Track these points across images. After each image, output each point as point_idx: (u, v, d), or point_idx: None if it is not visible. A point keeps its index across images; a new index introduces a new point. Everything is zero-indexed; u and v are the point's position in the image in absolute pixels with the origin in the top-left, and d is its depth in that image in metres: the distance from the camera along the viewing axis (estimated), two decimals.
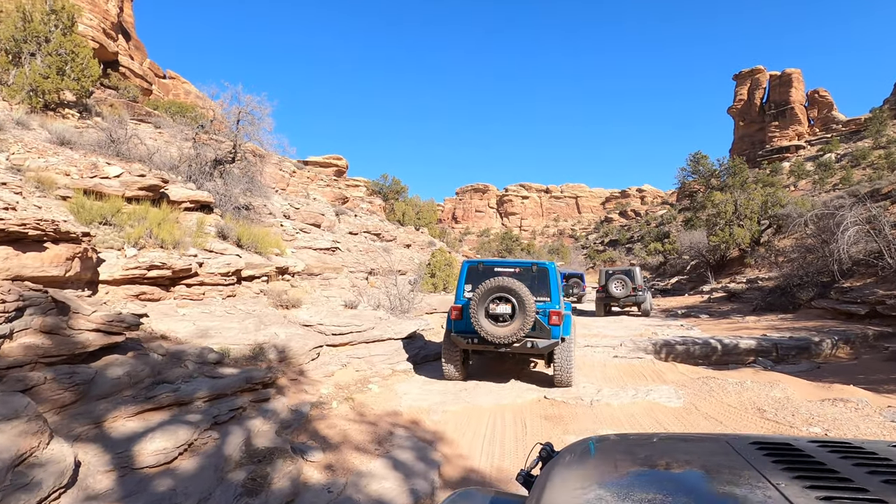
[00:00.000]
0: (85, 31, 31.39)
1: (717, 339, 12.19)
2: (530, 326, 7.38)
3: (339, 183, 33.55)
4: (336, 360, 8.28)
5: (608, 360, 10.63)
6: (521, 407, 6.97)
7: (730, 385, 7.93)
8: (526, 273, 8.18)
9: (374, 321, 9.96)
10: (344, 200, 29.05)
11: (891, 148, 51.88)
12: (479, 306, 7.52)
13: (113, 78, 32.09)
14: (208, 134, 11.39)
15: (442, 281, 19.34)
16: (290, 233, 13.22)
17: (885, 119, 60.56)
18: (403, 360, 9.15)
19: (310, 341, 7.80)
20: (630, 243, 71.97)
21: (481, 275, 8.30)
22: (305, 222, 15.93)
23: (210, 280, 8.26)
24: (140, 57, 40.55)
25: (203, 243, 8.64)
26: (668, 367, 10.16)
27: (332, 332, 8.90)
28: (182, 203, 9.93)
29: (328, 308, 10.27)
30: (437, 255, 19.71)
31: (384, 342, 9.62)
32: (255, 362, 6.68)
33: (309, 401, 6.34)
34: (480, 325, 7.48)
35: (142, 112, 23.00)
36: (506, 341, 7.44)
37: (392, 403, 6.84)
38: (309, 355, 7.66)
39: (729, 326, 14.90)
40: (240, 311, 8.13)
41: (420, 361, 9.57)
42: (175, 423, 4.38)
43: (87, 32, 31.54)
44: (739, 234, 24.84)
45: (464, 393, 7.51)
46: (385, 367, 8.60)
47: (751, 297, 18.99)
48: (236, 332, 7.17)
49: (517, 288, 7.39)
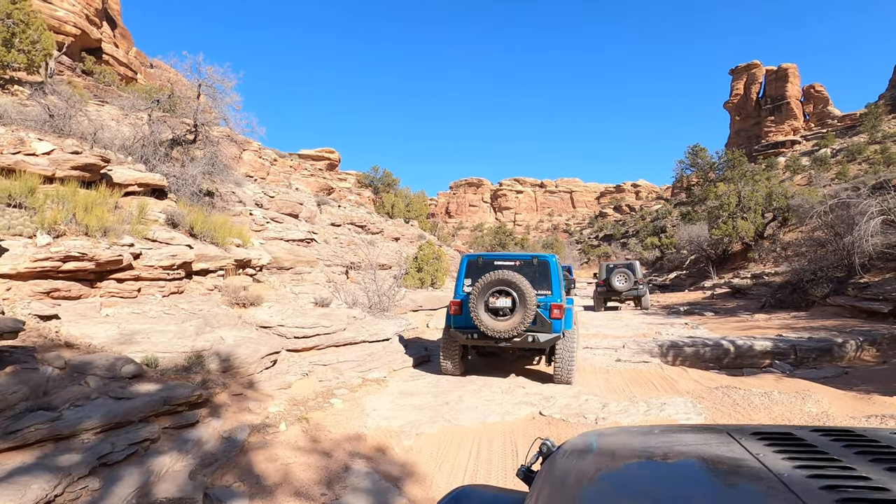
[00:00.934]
0: (66, 16, 29.88)
1: (728, 339, 11.08)
2: (531, 320, 7.22)
3: (325, 173, 32.23)
4: (297, 367, 7.10)
5: (611, 366, 9.49)
6: (513, 427, 5.81)
7: (755, 397, 6.81)
8: (527, 266, 7.92)
9: (347, 321, 8.77)
10: (329, 191, 27.75)
11: (886, 143, 51.15)
12: (479, 300, 7.34)
13: (88, 62, 30.61)
14: (171, 112, 10.12)
15: (430, 276, 18.17)
16: (260, 222, 11.99)
17: (880, 114, 59.84)
18: (377, 367, 7.97)
19: (263, 346, 6.61)
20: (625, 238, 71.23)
21: (481, 269, 8.05)
22: (281, 212, 14.69)
23: (148, 274, 7.04)
24: (126, 45, 39.01)
25: (143, 231, 7.41)
26: (679, 372, 9.04)
27: (294, 334, 7.71)
28: (128, 186, 8.68)
29: (295, 306, 9.07)
30: (424, 248, 18.52)
31: (356, 346, 8.44)
32: (189, 374, 5.48)
33: (250, 423, 5.15)
34: (480, 320, 7.28)
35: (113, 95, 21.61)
36: (506, 335, 7.26)
37: (356, 424, 5.66)
38: (261, 363, 6.47)
39: (738, 325, 13.80)
40: (182, 310, 6.91)
41: (398, 367, 8.40)
42: (35, 471, 3.19)
43: (68, 18, 30.04)
44: (743, 227, 23.67)
45: (444, 409, 6.34)
46: (354, 376, 7.42)
47: (758, 294, 17.90)
48: (171, 337, 5.96)
49: (518, 281, 7.24)
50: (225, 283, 8.41)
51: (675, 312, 18.33)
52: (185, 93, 9.88)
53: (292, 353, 7.61)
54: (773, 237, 24.24)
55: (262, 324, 7.78)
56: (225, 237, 8.83)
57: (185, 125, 10.07)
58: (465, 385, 7.52)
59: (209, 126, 10.38)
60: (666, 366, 9.73)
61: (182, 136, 10.00)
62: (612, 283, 19.28)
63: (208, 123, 10.29)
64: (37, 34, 13.27)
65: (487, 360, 9.33)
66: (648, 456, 1.25)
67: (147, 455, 3.87)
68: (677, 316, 17.35)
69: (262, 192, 14.61)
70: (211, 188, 11.68)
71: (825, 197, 18.04)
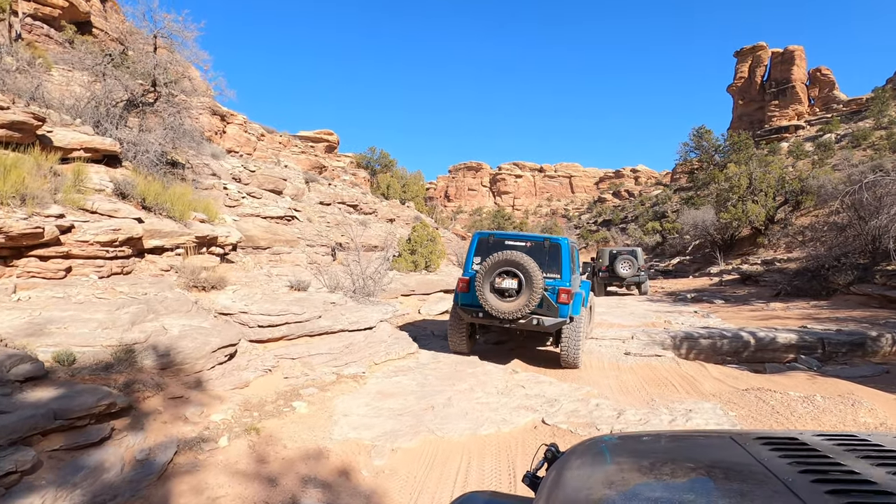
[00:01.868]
0: None
1: (748, 331, 10.07)
2: (537, 303, 7.16)
3: (317, 151, 30.92)
4: (259, 362, 6.05)
5: (621, 360, 8.48)
6: (510, 441, 4.78)
7: (796, 402, 5.80)
8: (537, 248, 7.76)
9: (323, 308, 7.72)
10: (322, 170, 26.53)
11: (892, 128, 49.74)
12: (485, 280, 7.30)
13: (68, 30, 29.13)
14: (125, 69, 8.92)
15: (423, 259, 17.10)
16: (235, 197, 10.87)
17: (887, 99, 58.25)
18: (356, 361, 6.94)
19: (215, 338, 5.55)
20: (624, 223, 70.16)
21: (491, 247, 7.91)
22: (262, 187, 13.55)
23: (82, 251, 5.95)
24: (118, 19, 37.42)
25: (79, 201, 6.30)
26: (696, 368, 8.04)
27: (258, 322, 6.65)
28: (72, 151, 7.55)
29: (265, 291, 8.01)
30: (418, 229, 17.43)
31: (334, 335, 7.39)
32: (110, 374, 4.42)
33: (182, 437, 4.11)
34: (485, 300, 7.26)
35: (67, 53, 20.20)
36: (510, 317, 7.21)
37: (319, 435, 4.63)
38: (212, 358, 5.41)
39: (753, 315, 12.80)
40: (121, 294, 5.84)
41: (381, 360, 7.37)
42: None
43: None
44: (754, 211, 22.52)
45: (429, 415, 5.31)
46: (328, 372, 6.38)
47: (771, 281, 16.87)
48: (95, 328, 4.89)
49: (525, 262, 7.16)
50: (184, 263, 7.32)
51: (682, 299, 17.34)
52: (146, 48, 8.71)
53: (256, 344, 6.56)
54: (785, 221, 23.10)
55: (223, 310, 6.71)
56: (185, 211, 7.72)
57: (143, 85, 8.91)
58: (456, 383, 6.49)
59: (172, 87, 9.21)
60: (681, 360, 8.73)
61: (139, 98, 8.82)
62: (617, 269, 18.81)
63: (170, 84, 9.12)
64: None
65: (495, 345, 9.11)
66: (654, 461, 1.23)
67: (6, 497, 2.82)
68: (685, 303, 16.36)
69: (241, 166, 13.46)
70: (180, 159, 10.54)
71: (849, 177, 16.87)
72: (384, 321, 8.77)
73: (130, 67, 8.65)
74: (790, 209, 23.55)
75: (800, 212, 23.06)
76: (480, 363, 7.66)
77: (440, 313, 12.61)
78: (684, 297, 17.65)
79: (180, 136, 9.13)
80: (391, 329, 8.69)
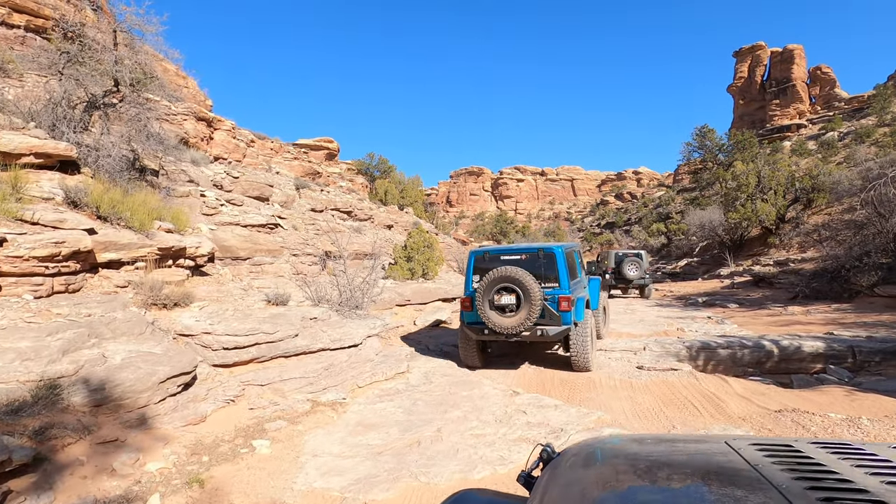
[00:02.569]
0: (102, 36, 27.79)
1: (769, 339, 9.26)
2: (537, 315, 7.18)
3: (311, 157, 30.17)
4: (221, 390, 5.29)
5: (633, 375, 7.68)
6: (507, 485, 3.98)
7: (840, 428, 4.99)
8: (532, 259, 7.75)
9: (301, 324, 6.94)
10: (316, 176, 25.78)
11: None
12: (484, 298, 7.38)
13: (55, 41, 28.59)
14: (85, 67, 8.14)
15: (420, 266, 16.32)
16: (213, 205, 10.11)
17: (889, 96, 57.39)
18: (336, 385, 6.16)
19: (164, 366, 4.78)
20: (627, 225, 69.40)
21: (488, 264, 7.95)
22: (246, 194, 12.80)
23: (14, 268, 5.19)
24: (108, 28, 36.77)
25: (15, 212, 5.55)
26: (717, 384, 7.23)
27: (223, 344, 5.88)
28: (21, 157, 6.82)
29: (238, 306, 7.25)
30: (414, 234, 16.66)
31: (312, 355, 6.62)
32: (22, 417, 3.66)
33: (103, 497, 3.33)
34: (487, 317, 7.36)
35: None
36: (514, 332, 7.26)
37: (279, 484, 3.85)
38: (161, 389, 4.64)
39: (772, 320, 11.96)
40: (58, 317, 5.07)
41: (365, 382, 6.58)
42: None
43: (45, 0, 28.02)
44: (764, 210, 21.63)
45: (413, 453, 4.51)
46: (301, 399, 5.60)
47: (786, 283, 16.01)
48: (12, 360, 4.13)
49: (520, 277, 7.22)
50: (144, 278, 6.56)
51: (692, 304, 16.50)
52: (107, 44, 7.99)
53: (221, 369, 5.79)
54: (797, 220, 22.18)
55: (183, 330, 5.94)
56: (146, 220, 6.97)
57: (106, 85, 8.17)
58: (448, 409, 5.70)
59: (142, 87, 8.48)
60: (700, 374, 7.91)
61: (101, 99, 8.08)
62: (624, 271, 18.11)
63: (138, 84, 8.39)
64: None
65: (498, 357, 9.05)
66: (649, 464, 1.24)
67: None
68: (696, 308, 15.52)
69: (224, 173, 12.72)
70: (152, 164, 9.80)
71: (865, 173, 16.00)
72: (372, 336, 7.99)
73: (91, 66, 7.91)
74: (801, 208, 22.64)
75: (811, 210, 22.16)
76: (477, 382, 6.87)
77: (437, 324, 11.82)
78: (695, 302, 16.81)
79: (146, 140, 8.38)
80: (379, 345, 7.91)
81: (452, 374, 7.28)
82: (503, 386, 6.84)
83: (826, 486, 1.00)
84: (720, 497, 1.00)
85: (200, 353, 5.76)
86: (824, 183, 20.72)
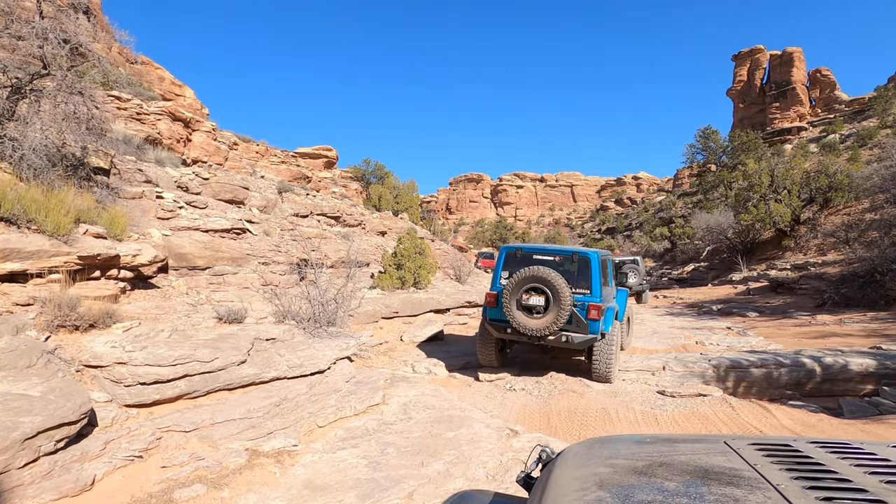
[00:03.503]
0: (28, 4, 26.80)
1: (809, 355, 8.01)
2: (565, 320, 6.99)
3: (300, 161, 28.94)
4: (126, 442, 4.03)
5: (656, 405, 6.41)
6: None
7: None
8: (566, 262, 7.59)
9: (253, 348, 5.69)
10: (306, 180, 24.59)
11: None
12: (512, 296, 7.20)
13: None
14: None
15: (411, 274, 15.08)
16: (170, 207, 8.87)
17: (890, 97, 56.53)
18: (287, 427, 4.89)
19: (32, 417, 3.52)
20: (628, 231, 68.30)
21: (519, 262, 7.82)
22: (218, 197, 11.57)
23: None
24: (107, 39, 35.84)
25: None
26: (759, 414, 5.98)
27: (140, 377, 4.62)
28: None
29: (179, 326, 6.00)
30: (405, 240, 15.46)
31: (263, 387, 5.37)
32: None
33: None
34: (513, 316, 7.17)
35: None
36: (538, 334, 7.10)
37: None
38: (29, 448, 3.39)
39: (802, 331, 10.69)
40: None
41: (327, 421, 5.30)
42: None
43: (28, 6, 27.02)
44: (778, 211, 20.30)
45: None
46: (237, 450, 4.33)
47: (809, 288, 14.73)
48: None
49: (552, 279, 7.00)
50: (55, 293, 5.31)
51: (707, 312, 15.23)
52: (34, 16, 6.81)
53: (135, 410, 4.53)
54: (813, 222, 20.87)
55: (92, 361, 4.69)
56: (65, 223, 5.74)
57: (36, 66, 6.97)
58: (427, 460, 4.43)
59: (76, 72, 7.29)
60: (734, 401, 6.65)
61: (26, 84, 6.87)
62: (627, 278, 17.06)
63: (75, 67, 7.20)
64: None
65: None
66: (647, 465, 1.23)
67: None
68: (712, 317, 14.25)
69: (192, 174, 11.51)
70: (101, 162, 8.58)
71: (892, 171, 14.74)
72: (343, 359, 6.72)
73: (8, 41, 6.69)
74: (817, 208, 21.33)
75: (829, 210, 20.89)
76: (467, 418, 5.59)
77: (427, 339, 10.57)
78: (709, 310, 15.53)
79: (85, 133, 7.15)
80: (352, 370, 6.64)
81: (437, 406, 6.00)
82: (498, 421, 5.58)
83: (825, 485, 0.99)
84: (719, 497, 0.97)
85: (110, 389, 4.51)
86: (842, 181, 19.47)
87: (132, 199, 8.67)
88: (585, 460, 1.33)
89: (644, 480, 1.13)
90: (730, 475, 1.10)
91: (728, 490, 1.01)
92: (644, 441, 1.50)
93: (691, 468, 1.17)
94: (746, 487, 1.01)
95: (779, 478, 1.05)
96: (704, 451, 1.28)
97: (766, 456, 1.19)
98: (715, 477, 1.10)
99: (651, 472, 1.17)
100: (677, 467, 1.19)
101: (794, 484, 1.00)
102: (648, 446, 1.42)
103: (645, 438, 1.53)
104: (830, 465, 1.12)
